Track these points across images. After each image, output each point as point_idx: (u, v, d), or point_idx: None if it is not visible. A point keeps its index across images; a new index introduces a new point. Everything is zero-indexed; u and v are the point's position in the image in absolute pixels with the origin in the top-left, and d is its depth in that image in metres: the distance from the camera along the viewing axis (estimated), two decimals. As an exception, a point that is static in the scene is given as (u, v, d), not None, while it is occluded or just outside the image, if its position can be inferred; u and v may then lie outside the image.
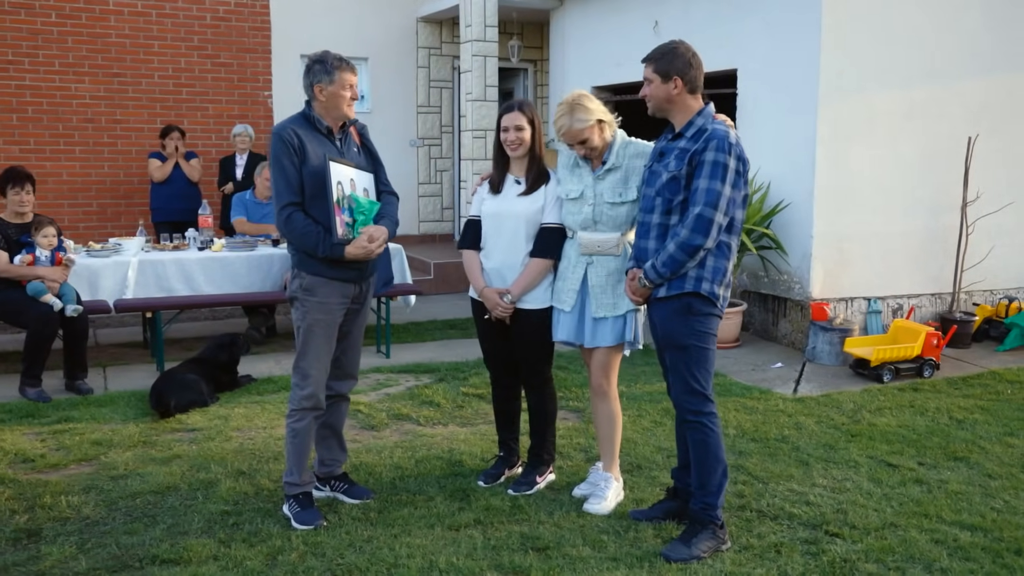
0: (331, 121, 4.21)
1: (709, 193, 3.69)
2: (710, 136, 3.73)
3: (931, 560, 3.92)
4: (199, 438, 5.44)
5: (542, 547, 4.00)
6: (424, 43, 12.26)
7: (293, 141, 4.09)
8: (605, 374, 4.41)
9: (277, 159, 4.12)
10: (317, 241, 4.10)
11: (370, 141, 4.46)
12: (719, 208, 3.70)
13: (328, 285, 4.19)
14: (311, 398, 4.23)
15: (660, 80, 3.82)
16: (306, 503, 4.26)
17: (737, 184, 3.76)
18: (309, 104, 4.22)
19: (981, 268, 8.27)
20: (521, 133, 4.37)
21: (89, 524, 4.23)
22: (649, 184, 3.97)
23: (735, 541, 4.08)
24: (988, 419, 5.93)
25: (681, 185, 3.78)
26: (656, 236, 3.89)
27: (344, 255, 4.11)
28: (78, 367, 6.51)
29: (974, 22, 8.03)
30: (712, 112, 3.87)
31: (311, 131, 4.17)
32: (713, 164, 3.69)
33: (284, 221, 4.15)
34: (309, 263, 4.17)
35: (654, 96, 3.87)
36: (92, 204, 10.78)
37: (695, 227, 3.71)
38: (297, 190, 4.12)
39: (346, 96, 4.15)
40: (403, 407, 6.07)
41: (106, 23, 10.60)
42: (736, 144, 3.75)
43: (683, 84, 3.80)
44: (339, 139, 4.25)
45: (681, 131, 3.87)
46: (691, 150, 3.77)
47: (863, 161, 7.71)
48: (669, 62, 3.80)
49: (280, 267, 7.70)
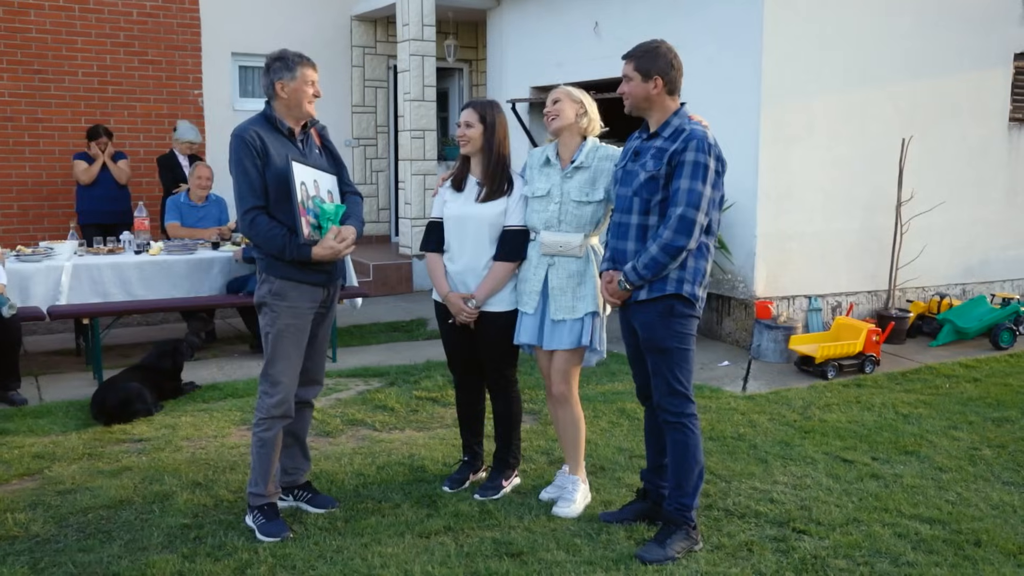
0: (292, 122, 4.11)
1: (691, 194, 3.69)
2: (689, 136, 3.73)
3: (897, 554, 4.00)
4: (148, 448, 5.26)
5: (516, 552, 3.96)
6: (358, 42, 12.10)
7: (255, 143, 3.98)
8: (565, 379, 4.38)
9: (239, 161, 3.99)
10: (283, 244, 3.99)
11: (331, 142, 4.36)
12: (701, 209, 3.70)
13: (298, 289, 4.08)
14: (280, 405, 4.11)
15: (640, 78, 3.81)
16: (271, 514, 4.14)
17: (716, 184, 3.77)
18: (269, 104, 4.11)
19: (914, 266, 8.50)
20: (469, 130, 4.36)
21: (40, 542, 4.03)
22: (624, 184, 3.95)
23: (706, 541, 4.10)
24: (932, 413, 6.08)
25: (659, 185, 3.78)
26: (635, 237, 3.87)
27: (311, 256, 4.00)
28: (11, 376, 6.23)
29: (905, 27, 8.25)
30: (688, 112, 3.87)
31: (273, 132, 4.06)
32: (694, 164, 3.69)
33: (248, 225, 4.03)
34: (278, 267, 4.06)
35: (632, 94, 3.85)
36: (13, 206, 10.35)
37: (678, 228, 3.70)
38: (261, 193, 4.01)
39: (308, 92, 4.05)
40: (356, 412, 5.96)
41: (26, 17, 10.19)
42: (715, 145, 3.76)
43: (663, 84, 3.80)
44: (300, 140, 4.14)
45: (657, 131, 3.86)
46: (669, 150, 3.76)
47: (804, 162, 7.86)
48: (651, 61, 3.79)
49: (220, 270, 7.51)
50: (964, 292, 9.04)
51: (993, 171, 9.04)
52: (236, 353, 7.75)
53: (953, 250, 8.88)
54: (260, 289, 4.15)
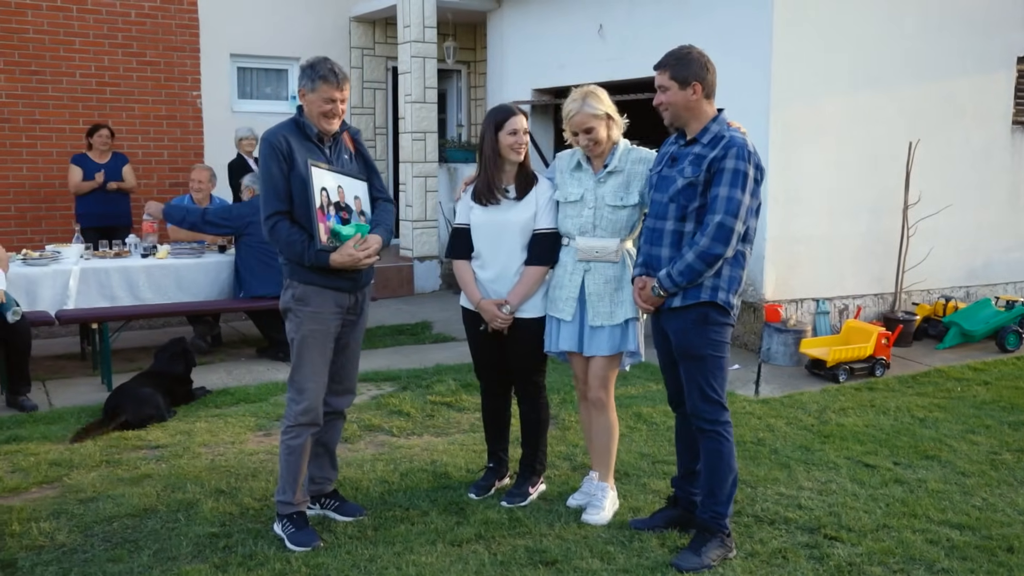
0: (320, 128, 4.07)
1: (730, 201, 3.67)
2: (729, 143, 3.71)
3: (931, 561, 3.99)
4: (166, 455, 5.19)
5: (550, 561, 3.93)
6: (357, 43, 12.04)
7: (282, 147, 3.95)
8: (603, 385, 4.35)
9: (266, 166, 3.98)
10: (302, 250, 3.96)
11: (364, 147, 4.31)
12: (739, 217, 3.68)
13: (321, 294, 4.04)
14: (308, 413, 4.06)
15: (678, 86, 3.78)
16: (300, 523, 4.09)
17: (755, 192, 3.75)
18: (300, 110, 4.07)
19: (919, 269, 8.52)
20: (526, 136, 4.30)
21: (66, 552, 3.97)
22: (660, 189, 3.92)
23: (739, 548, 4.09)
24: (948, 417, 6.10)
25: (698, 192, 3.75)
26: (670, 243, 3.85)
27: (329, 263, 3.96)
28: (21, 381, 6.15)
29: (910, 30, 8.28)
30: (726, 119, 3.85)
31: (301, 137, 4.02)
32: (734, 172, 3.67)
33: (269, 230, 4.01)
34: (300, 272, 4.02)
35: (672, 103, 3.82)
36: (11, 208, 10.24)
37: (716, 236, 3.68)
38: (284, 198, 3.98)
39: (324, 108, 3.97)
40: (372, 417, 5.92)
41: (23, 17, 10.08)
42: (754, 152, 3.74)
43: (701, 89, 3.78)
44: (329, 146, 4.10)
45: (696, 136, 3.84)
46: (708, 156, 3.74)
47: (812, 165, 7.87)
48: (686, 67, 3.77)
49: (228, 274, 7.44)
50: (968, 295, 9.08)
51: (996, 174, 9.09)
52: (243, 357, 7.69)
53: (957, 253, 8.92)
54: (284, 294, 4.12)
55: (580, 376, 4.43)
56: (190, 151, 11.02)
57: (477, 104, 12.81)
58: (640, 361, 4.39)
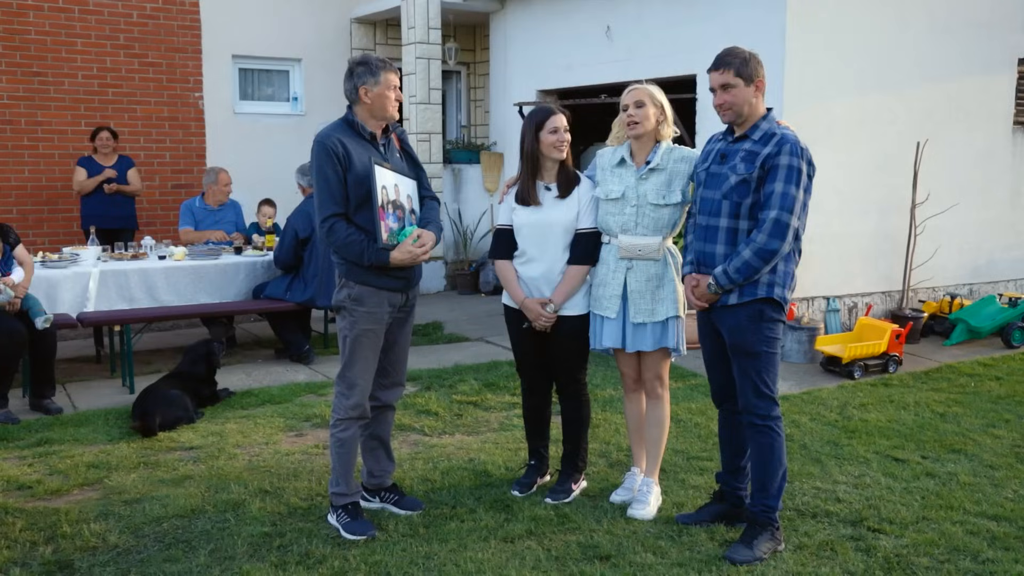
0: (374, 126, 4.11)
1: (785, 197, 3.74)
2: (782, 140, 3.78)
3: (975, 551, 4.07)
4: (202, 456, 5.20)
5: (605, 555, 3.98)
6: (358, 44, 12.02)
7: (338, 150, 3.99)
8: (659, 377, 4.43)
9: (320, 168, 4.01)
10: (361, 250, 4.00)
11: (410, 146, 4.37)
12: (795, 212, 3.75)
13: (376, 295, 4.09)
14: (357, 408, 4.14)
15: (744, 84, 3.85)
16: (355, 513, 4.15)
17: (808, 189, 3.82)
18: (351, 109, 4.11)
19: (926, 267, 8.65)
20: (567, 134, 4.35)
21: (121, 553, 3.98)
22: (711, 187, 3.98)
23: (786, 541, 4.15)
24: (967, 412, 6.20)
25: (751, 188, 3.82)
26: (725, 240, 3.91)
27: (390, 261, 4.01)
28: (46, 385, 6.12)
29: (917, 31, 8.40)
30: (775, 117, 3.93)
31: (355, 138, 4.07)
32: (788, 168, 3.74)
33: (327, 232, 4.04)
34: (356, 272, 4.07)
35: (738, 100, 3.87)
36: (12, 211, 10.14)
37: (772, 232, 3.74)
38: (340, 200, 4.02)
39: (391, 96, 4.07)
40: (402, 417, 5.93)
41: (25, 19, 10.00)
42: (806, 149, 3.82)
43: (763, 85, 3.86)
44: (383, 144, 4.15)
45: (746, 133, 3.91)
46: (761, 153, 3.80)
47: (823, 166, 7.84)
48: (746, 64, 3.84)
49: (246, 276, 7.45)
50: (971, 292, 9.22)
51: (998, 173, 9.24)
52: (259, 358, 7.68)
53: (961, 251, 9.06)
54: (339, 293, 4.16)
55: (627, 372, 4.49)
56: (192, 152, 10.98)
57: (477, 105, 12.83)
58: (682, 354, 4.46)
